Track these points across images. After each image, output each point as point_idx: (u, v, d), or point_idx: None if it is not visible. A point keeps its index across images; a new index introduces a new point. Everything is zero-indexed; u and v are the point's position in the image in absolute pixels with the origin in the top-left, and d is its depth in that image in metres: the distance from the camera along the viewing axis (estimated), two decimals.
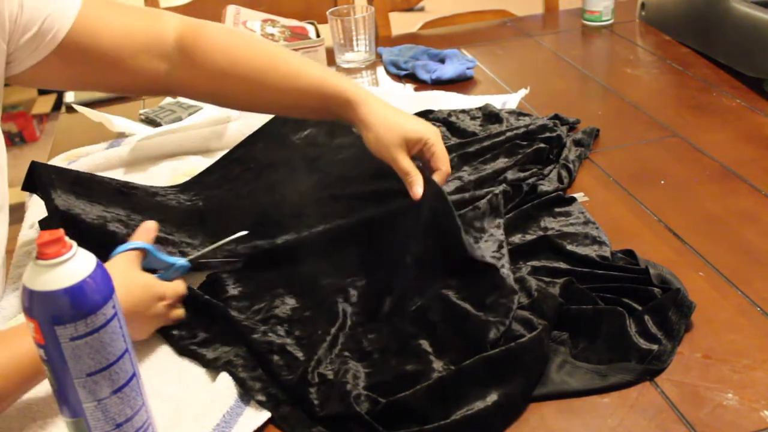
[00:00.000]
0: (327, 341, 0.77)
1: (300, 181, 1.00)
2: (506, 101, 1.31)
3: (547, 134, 1.11)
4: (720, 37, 1.39)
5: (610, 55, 1.54)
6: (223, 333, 0.80)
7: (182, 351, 0.80)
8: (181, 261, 0.84)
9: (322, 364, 0.74)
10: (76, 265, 0.55)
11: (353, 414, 0.68)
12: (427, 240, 0.85)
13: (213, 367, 0.77)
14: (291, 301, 0.84)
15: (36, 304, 0.54)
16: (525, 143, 1.09)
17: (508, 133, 1.11)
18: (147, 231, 0.84)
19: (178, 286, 0.82)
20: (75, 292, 0.54)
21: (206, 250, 0.86)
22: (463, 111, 1.24)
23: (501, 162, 1.06)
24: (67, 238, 0.55)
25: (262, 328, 0.79)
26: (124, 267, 0.78)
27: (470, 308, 0.77)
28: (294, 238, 0.91)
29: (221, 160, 1.10)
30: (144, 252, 0.81)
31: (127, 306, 0.73)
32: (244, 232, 0.87)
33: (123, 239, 0.88)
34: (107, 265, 0.76)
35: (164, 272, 0.82)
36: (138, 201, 0.98)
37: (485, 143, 1.10)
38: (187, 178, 1.09)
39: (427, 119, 1.21)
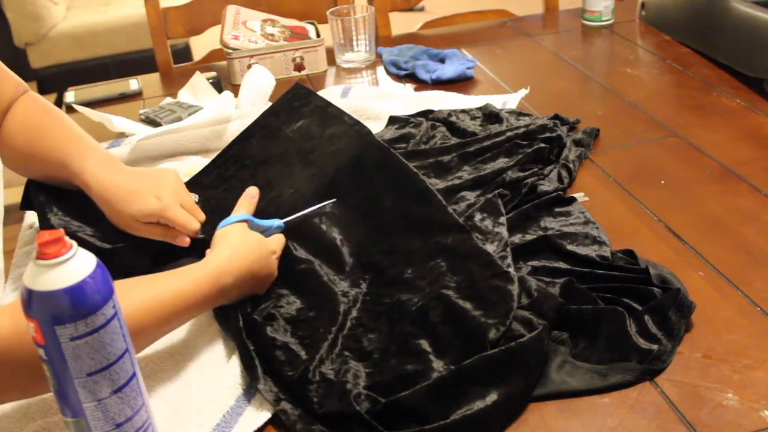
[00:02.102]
0: (328, 340, 0.77)
1: (295, 176, 1.00)
2: (506, 101, 1.31)
3: (547, 134, 1.11)
4: (720, 37, 1.39)
5: (610, 55, 1.54)
6: (229, 331, 0.81)
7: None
8: (278, 222, 0.91)
9: (324, 363, 0.74)
10: (76, 265, 0.55)
11: (353, 413, 0.68)
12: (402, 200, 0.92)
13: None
14: (296, 302, 0.84)
15: (36, 303, 0.54)
16: (525, 143, 1.09)
17: (508, 133, 1.11)
18: (249, 199, 0.93)
19: (281, 239, 0.89)
20: (75, 292, 0.54)
21: (297, 215, 0.92)
22: (463, 111, 1.24)
23: (501, 162, 1.06)
24: (67, 238, 0.55)
25: (270, 324, 0.79)
26: (239, 231, 0.86)
27: (470, 308, 0.77)
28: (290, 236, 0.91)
29: (217, 158, 1.09)
30: (247, 222, 0.88)
31: (251, 265, 0.82)
32: (332, 201, 0.94)
33: (120, 256, 0.90)
34: (220, 235, 0.85)
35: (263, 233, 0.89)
36: None
37: (485, 143, 1.10)
38: (187, 179, 1.09)
39: (427, 119, 1.21)
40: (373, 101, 1.30)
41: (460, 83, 1.42)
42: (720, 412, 0.68)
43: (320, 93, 1.36)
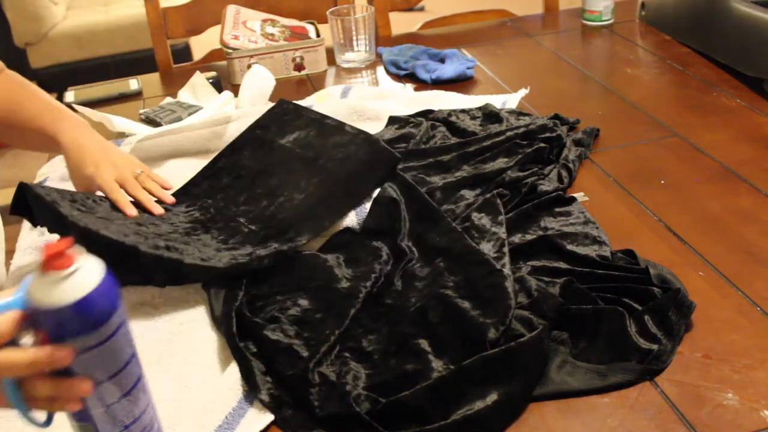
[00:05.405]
0: (331, 341, 0.77)
1: (302, 182, 1.00)
2: (506, 101, 1.31)
3: (547, 134, 1.11)
4: (720, 37, 1.39)
5: (610, 55, 1.54)
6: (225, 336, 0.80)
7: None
8: (9, 300, 0.55)
9: (322, 364, 0.74)
10: (84, 275, 0.52)
11: (353, 414, 0.68)
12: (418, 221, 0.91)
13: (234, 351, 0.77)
14: (304, 303, 0.83)
15: (43, 318, 0.52)
16: (525, 143, 1.09)
17: (508, 133, 1.11)
18: None
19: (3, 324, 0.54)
20: (84, 306, 0.51)
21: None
22: (463, 111, 1.24)
23: (501, 162, 1.06)
24: (74, 247, 0.52)
25: (272, 326, 0.79)
26: None
27: (469, 307, 0.77)
28: (311, 239, 0.92)
29: (206, 169, 1.08)
30: None
31: None
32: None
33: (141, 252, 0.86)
34: None
35: None
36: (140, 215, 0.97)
37: (485, 143, 1.10)
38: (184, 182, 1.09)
39: (427, 119, 1.21)
40: (373, 101, 1.30)
41: (460, 83, 1.42)
42: (720, 412, 0.68)
43: (320, 92, 1.37)
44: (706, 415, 0.67)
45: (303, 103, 1.28)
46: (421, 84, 1.43)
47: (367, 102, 1.29)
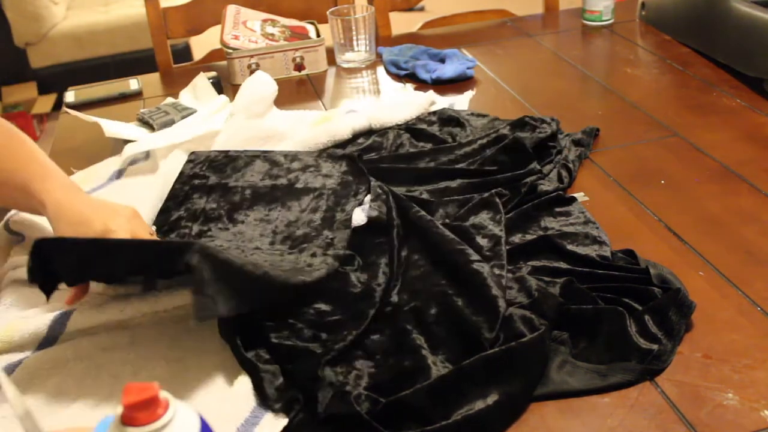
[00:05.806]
0: (347, 341, 0.76)
1: (294, 202, 1.00)
2: (453, 103, 1.31)
3: (523, 133, 1.12)
4: (720, 37, 1.39)
5: (610, 55, 1.54)
6: (248, 335, 0.79)
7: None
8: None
9: (331, 364, 0.74)
10: (178, 429, 0.40)
11: (353, 414, 0.68)
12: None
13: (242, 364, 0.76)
14: (318, 306, 0.82)
15: None
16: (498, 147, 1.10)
17: (480, 141, 1.11)
18: None
19: None
20: None
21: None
22: (419, 118, 1.24)
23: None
24: (163, 395, 0.40)
25: (285, 331, 0.78)
26: None
27: (462, 306, 0.78)
28: (346, 243, 0.91)
29: (159, 224, 1.01)
30: None
31: None
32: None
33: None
34: None
35: None
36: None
37: (459, 152, 1.09)
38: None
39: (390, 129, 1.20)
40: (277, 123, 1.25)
41: (460, 83, 1.42)
42: (720, 412, 0.68)
43: (322, 114, 1.35)
44: (706, 415, 0.68)
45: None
46: (421, 84, 1.43)
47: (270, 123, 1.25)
